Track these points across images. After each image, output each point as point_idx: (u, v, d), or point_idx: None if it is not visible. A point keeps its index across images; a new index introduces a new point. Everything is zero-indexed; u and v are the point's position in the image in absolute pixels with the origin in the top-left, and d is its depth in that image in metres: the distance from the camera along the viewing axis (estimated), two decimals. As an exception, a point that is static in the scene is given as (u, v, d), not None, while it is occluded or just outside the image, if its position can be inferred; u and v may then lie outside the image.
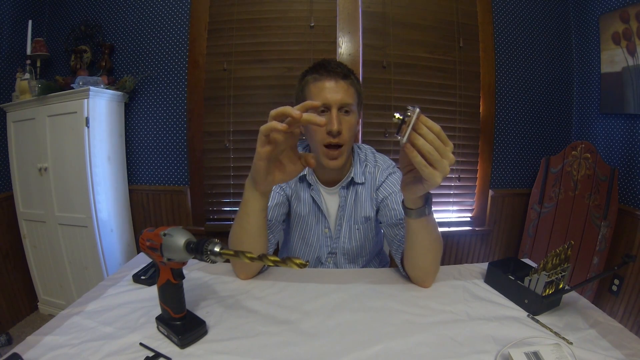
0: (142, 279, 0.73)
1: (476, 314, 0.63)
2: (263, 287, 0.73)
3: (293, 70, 1.77)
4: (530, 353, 0.47)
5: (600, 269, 1.72)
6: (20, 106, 1.68)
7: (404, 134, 0.51)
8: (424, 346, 0.54)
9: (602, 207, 1.72)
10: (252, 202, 0.68)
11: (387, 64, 1.82)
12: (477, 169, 1.97)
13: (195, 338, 0.54)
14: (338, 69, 0.82)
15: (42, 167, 1.65)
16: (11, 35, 1.76)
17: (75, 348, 0.51)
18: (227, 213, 1.94)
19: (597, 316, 0.62)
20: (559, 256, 0.64)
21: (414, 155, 0.51)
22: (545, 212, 1.89)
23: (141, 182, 1.93)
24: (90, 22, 1.84)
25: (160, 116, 1.88)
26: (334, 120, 0.79)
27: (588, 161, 1.78)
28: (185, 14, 1.81)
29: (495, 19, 1.90)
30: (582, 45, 1.95)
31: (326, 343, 0.54)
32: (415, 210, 0.65)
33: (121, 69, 1.86)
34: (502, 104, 1.96)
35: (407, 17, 1.82)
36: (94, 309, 0.63)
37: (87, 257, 1.68)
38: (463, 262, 2.06)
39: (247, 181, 0.67)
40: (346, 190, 0.94)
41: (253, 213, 0.69)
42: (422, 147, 0.50)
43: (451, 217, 2.02)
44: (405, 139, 0.51)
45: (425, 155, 0.51)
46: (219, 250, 0.46)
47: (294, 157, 0.63)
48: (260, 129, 0.56)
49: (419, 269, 0.73)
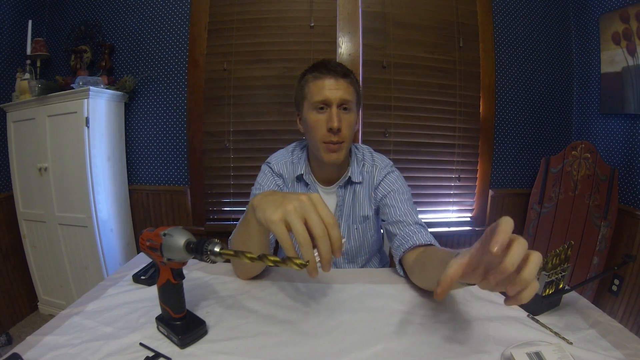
0: (142, 279, 0.73)
1: (476, 314, 0.63)
2: (263, 287, 0.73)
3: (293, 70, 1.77)
4: (532, 353, 0.47)
5: (600, 269, 1.71)
6: (20, 106, 1.68)
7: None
8: (424, 346, 0.54)
9: (602, 207, 1.72)
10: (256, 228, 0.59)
11: (387, 64, 1.81)
12: (477, 169, 1.97)
13: (195, 338, 0.54)
14: (338, 68, 0.83)
15: (42, 167, 1.65)
16: (11, 35, 1.76)
17: (75, 348, 0.51)
18: (227, 213, 1.94)
19: (597, 316, 0.62)
20: (559, 256, 0.64)
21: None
22: (545, 212, 1.89)
23: (141, 182, 1.93)
24: (90, 22, 1.84)
25: (160, 116, 1.88)
26: (334, 117, 0.80)
27: (588, 161, 1.78)
28: (185, 14, 1.81)
29: (495, 19, 1.90)
30: (582, 45, 1.95)
31: (326, 343, 0.54)
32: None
33: (121, 69, 1.86)
34: (502, 104, 1.96)
35: (407, 17, 1.82)
36: (94, 309, 0.63)
37: (87, 257, 1.68)
38: (463, 262, 2.06)
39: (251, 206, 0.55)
40: (344, 190, 0.94)
41: (257, 235, 0.62)
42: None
43: (451, 217, 2.02)
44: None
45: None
46: (219, 250, 0.46)
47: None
48: (298, 233, 0.45)
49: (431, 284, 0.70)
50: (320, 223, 0.45)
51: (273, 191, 0.55)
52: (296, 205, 0.46)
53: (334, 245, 0.46)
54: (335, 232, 0.46)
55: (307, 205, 0.46)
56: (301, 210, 0.46)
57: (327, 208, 0.48)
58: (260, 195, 0.54)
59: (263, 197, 0.53)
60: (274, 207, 0.48)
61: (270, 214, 0.47)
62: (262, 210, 0.49)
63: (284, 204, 0.47)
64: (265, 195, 0.53)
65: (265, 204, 0.50)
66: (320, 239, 0.45)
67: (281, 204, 0.48)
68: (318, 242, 0.45)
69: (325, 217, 0.46)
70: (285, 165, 0.95)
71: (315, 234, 0.45)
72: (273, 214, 0.47)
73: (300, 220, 0.45)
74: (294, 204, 0.47)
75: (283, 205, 0.47)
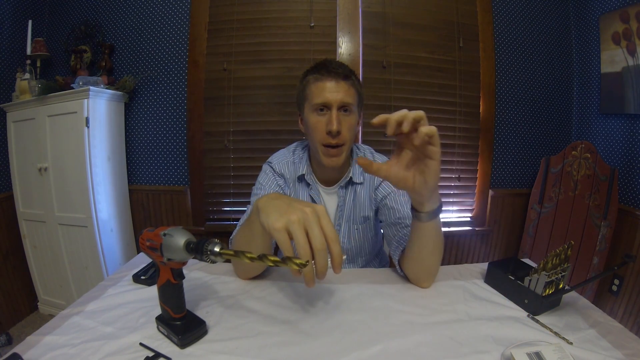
0: (142, 279, 0.73)
1: (476, 314, 0.63)
2: (263, 287, 0.73)
3: (293, 70, 1.77)
4: (532, 353, 0.47)
5: (600, 269, 1.71)
6: (20, 106, 1.68)
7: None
8: (424, 346, 0.54)
9: (602, 207, 1.72)
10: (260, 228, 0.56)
11: (387, 64, 1.82)
12: (477, 169, 1.97)
13: (195, 338, 0.54)
14: (339, 70, 0.82)
15: (42, 167, 1.65)
16: (11, 35, 1.76)
17: (75, 348, 0.51)
18: (227, 213, 1.94)
19: (597, 316, 0.62)
20: (559, 256, 0.64)
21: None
22: (545, 212, 1.89)
23: (141, 182, 1.93)
24: (90, 22, 1.84)
25: (160, 116, 1.88)
26: (334, 120, 0.79)
27: (588, 161, 1.78)
28: (185, 14, 1.81)
29: (495, 19, 1.90)
30: (582, 45, 1.95)
31: (326, 343, 0.54)
32: (426, 214, 0.64)
33: (121, 69, 1.86)
34: (502, 104, 1.96)
35: (407, 17, 1.82)
36: (94, 309, 0.63)
37: (87, 257, 1.68)
38: (463, 262, 2.06)
39: (255, 205, 0.56)
40: (345, 190, 0.94)
41: (261, 236, 0.61)
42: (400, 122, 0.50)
43: (451, 217, 2.02)
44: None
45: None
46: (219, 250, 0.46)
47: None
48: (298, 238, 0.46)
49: (422, 270, 0.72)
50: (321, 237, 0.46)
51: (278, 194, 0.56)
52: (300, 217, 0.46)
53: (334, 261, 0.46)
54: (336, 247, 0.47)
55: (310, 218, 0.46)
56: (304, 222, 0.46)
57: (330, 223, 0.48)
58: (265, 198, 0.54)
59: (268, 201, 0.53)
60: (278, 215, 0.48)
61: (273, 222, 0.48)
62: (266, 215, 0.50)
63: (288, 212, 0.48)
64: (271, 199, 0.53)
65: (270, 209, 0.50)
66: (318, 253, 0.45)
67: (285, 212, 0.48)
68: (316, 255, 0.45)
69: (327, 232, 0.47)
70: (286, 165, 0.95)
71: (315, 247, 0.45)
72: (276, 222, 0.47)
73: (303, 232, 0.46)
74: (297, 215, 0.47)
75: (287, 214, 0.47)
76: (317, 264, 0.45)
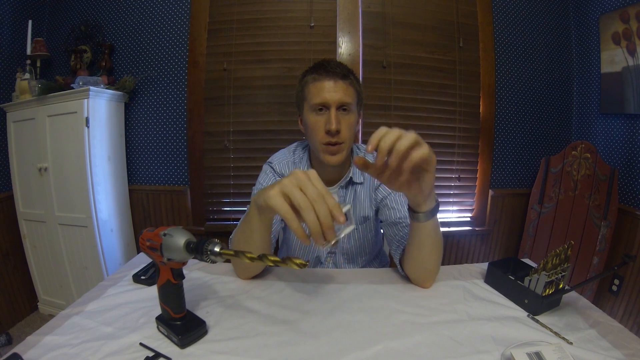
0: (142, 279, 0.73)
1: (476, 314, 0.63)
2: (263, 287, 0.73)
3: (293, 70, 1.77)
4: (532, 353, 0.47)
5: (600, 269, 1.71)
6: (20, 106, 1.68)
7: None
8: (424, 346, 0.54)
9: (602, 207, 1.72)
10: (258, 223, 0.63)
11: (387, 64, 1.81)
12: (477, 169, 1.97)
13: (195, 338, 0.54)
14: (337, 69, 0.82)
15: (42, 167, 1.65)
16: (11, 35, 1.76)
17: (75, 348, 0.51)
18: (227, 213, 1.94)
19: (597, 316, 0.62)
20: (559, 256, 0.64)
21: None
22: (545, 212, 1.89)
23: (141, 182, 1.93)
24: (90, 22, 1.84)
25: (160, 116, 1.88)
26: (333, 119, 0.79)
27: (588, 161, 1.78)
28: (185, 14, 1.81)
29: (495, 19, 1.90)
30: (582, 45, 1.95)
31: (326, 343, 0.54)
32: (423, 214, 0.64)
33: (121, 69, 1.86)
34: (502, 104, 1.96)
35: (407, 17, 1.82)
36: (94, 309, 0.63)
37: (87, 257, 1.68)
38: (463, 262, 2.06)
39: (253, 200, 0.61)
40: (345, 190, 0.94)
41: (258, 231, 0.65)
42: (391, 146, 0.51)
43: (451, 217, 2.02)
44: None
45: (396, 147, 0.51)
46: (219, 250, 0.46)
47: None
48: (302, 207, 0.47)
49: (422, 270, 0.73)
50: (314, 189, 0.48)
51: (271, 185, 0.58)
52: (291, 179, 0.50)
53: (332, 212, 0.47)
54: (330, 199, 0.48)
55: (302, 177, 0.50)
56: (297, 181, 0.49)
57: (321, 182, 0.50)
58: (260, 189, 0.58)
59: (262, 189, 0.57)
60: (272, 186, 0.52)
61: (268, 191, 0.52)
62: (262, 194, 0.55)
63: (280, 181, 0.51)
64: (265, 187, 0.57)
65: (265, 189, 0.55)
66: (316, 202, 0.47)
67: (278, 182, 0.52)
68: (315, 205, 0.47)
69: (320, 188, 0.49)
70: (287, 165, 0.95)
71: (311, 197, 0.47)
72: (271, 190, 0.51)
73: (297, 189, 0.49)
74: (289, 178, 0.50)
75: (280, 182, 0.51)
76: (318, 212, 0.47)
